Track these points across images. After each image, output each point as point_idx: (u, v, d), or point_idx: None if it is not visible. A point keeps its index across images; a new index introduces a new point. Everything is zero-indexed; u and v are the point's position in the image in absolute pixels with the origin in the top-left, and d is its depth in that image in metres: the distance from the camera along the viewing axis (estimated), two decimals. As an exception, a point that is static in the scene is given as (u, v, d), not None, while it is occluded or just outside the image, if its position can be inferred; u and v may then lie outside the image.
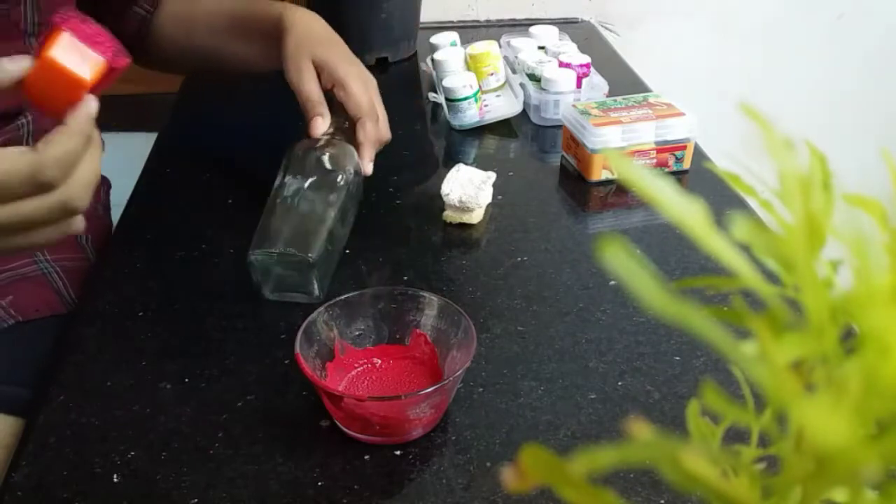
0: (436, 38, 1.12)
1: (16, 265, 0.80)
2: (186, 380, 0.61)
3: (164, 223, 0.83)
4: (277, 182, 0.74)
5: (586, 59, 1.06)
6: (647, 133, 0.87)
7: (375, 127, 0.80)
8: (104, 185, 0.99)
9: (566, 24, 1.38)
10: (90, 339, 0.67)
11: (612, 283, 0.71)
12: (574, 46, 1.14)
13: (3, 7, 0.75)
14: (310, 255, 0.68)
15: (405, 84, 1.22)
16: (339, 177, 0.74)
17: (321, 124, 0.78)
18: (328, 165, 0.74)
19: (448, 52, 1.06)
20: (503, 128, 1.02)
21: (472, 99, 0.99)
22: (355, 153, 0.78)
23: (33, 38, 0.79)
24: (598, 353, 0.64)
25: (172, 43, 0.94)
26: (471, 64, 1.04)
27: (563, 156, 0.94)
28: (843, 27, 1.56)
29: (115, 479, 0.53)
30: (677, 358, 0.63)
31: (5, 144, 0.77)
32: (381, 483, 0.53)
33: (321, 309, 0.59)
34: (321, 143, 0.76)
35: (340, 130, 0.78)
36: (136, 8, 0.93)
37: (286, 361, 0.63)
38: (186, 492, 0.52)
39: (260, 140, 1.01)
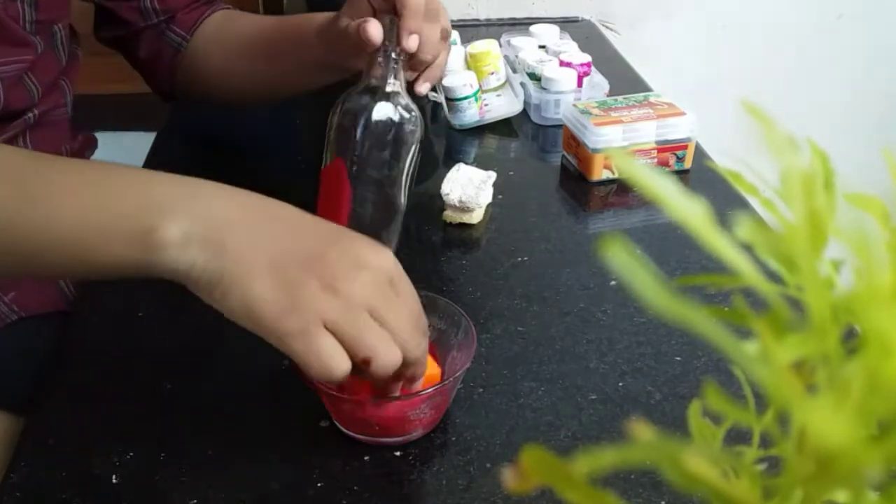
0: (436, 38, 1.12)
1: None
2: (186, 380, 0.61)
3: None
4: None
5: (587, 58, 1.06)
6: (648, 132, 0.87)
7: (432, 30, 0.72)
8: None
9: (567, 23, 1.38)
10: (91, 339, 0.67)
11: (613, 283, 0.71)
12: (575, 45, 1.14)
13: None
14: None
15: (405, 84, 1.22)
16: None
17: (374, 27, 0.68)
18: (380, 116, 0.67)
19: (448, 52, 1.06)
20: (503, 127, 1.02)
21: (473, 98, 0.99)
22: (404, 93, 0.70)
23: (33, 35, 0.79)
24: (598, 354, 0.64)
25: (206, 69, 0.90)
26: (471, 63, 1.04)
27: (563, 155, 0.94)
28: (843, 27, 1.56)
29: (115, 480, 0.53)
30: (678, 358, 0.63)
31: (9, 141, 0.77)
32: (380, 484, 0.53)
33: (321, 309, 0.59)
34: (368, 93, 0.68)
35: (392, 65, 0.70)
36: (169, 34, 0.90)
37: (286, 361, 0.63)
38: (186, 492, 0.52)
39: (260, 139, 1.01)
